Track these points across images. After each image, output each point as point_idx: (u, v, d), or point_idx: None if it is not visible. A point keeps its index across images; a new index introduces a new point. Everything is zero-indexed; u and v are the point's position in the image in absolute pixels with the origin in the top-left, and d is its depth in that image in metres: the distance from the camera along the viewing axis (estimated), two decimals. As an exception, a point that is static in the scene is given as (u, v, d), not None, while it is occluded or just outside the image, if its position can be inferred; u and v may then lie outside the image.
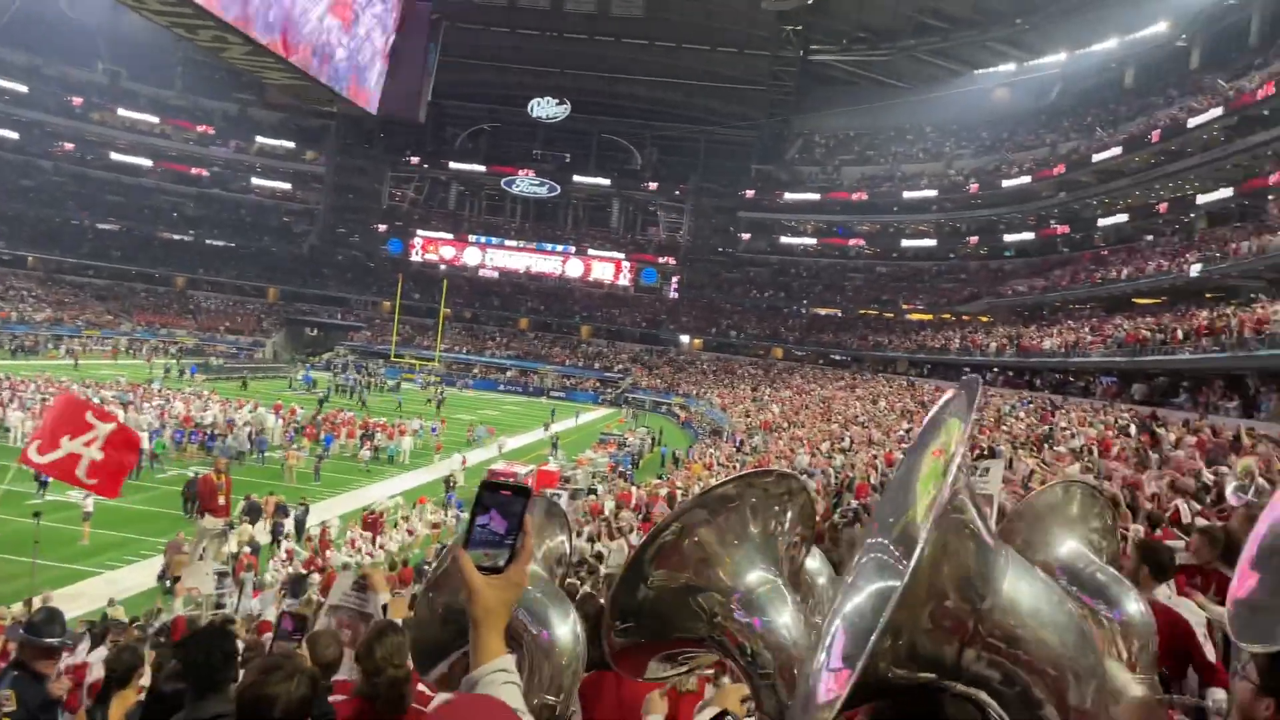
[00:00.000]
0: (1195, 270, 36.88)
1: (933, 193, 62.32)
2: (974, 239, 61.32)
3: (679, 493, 21.77)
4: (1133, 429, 20.36)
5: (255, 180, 76.11)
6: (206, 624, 7.71)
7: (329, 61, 29.04)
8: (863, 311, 64.83)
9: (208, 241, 73.60)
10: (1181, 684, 4.83)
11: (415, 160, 79.75)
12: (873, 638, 0.99)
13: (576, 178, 77.93)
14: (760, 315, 70.90)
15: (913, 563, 0.99)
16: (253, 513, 20.81)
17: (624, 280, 76.29)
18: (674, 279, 75.51)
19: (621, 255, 76.84)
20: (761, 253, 73.24)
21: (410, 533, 23.06)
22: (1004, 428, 25.43)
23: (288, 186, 76.98)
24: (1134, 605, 2.44)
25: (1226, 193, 40.63)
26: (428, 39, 32.15)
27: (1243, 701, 1.89)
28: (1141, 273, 41.07)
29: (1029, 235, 57.38)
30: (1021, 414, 30.57)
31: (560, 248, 77.40)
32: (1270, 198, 39.10)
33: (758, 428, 39.41)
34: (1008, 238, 59.27)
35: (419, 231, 77.96)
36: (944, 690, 1.09)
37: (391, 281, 70.21)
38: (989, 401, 37.00)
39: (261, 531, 20.39)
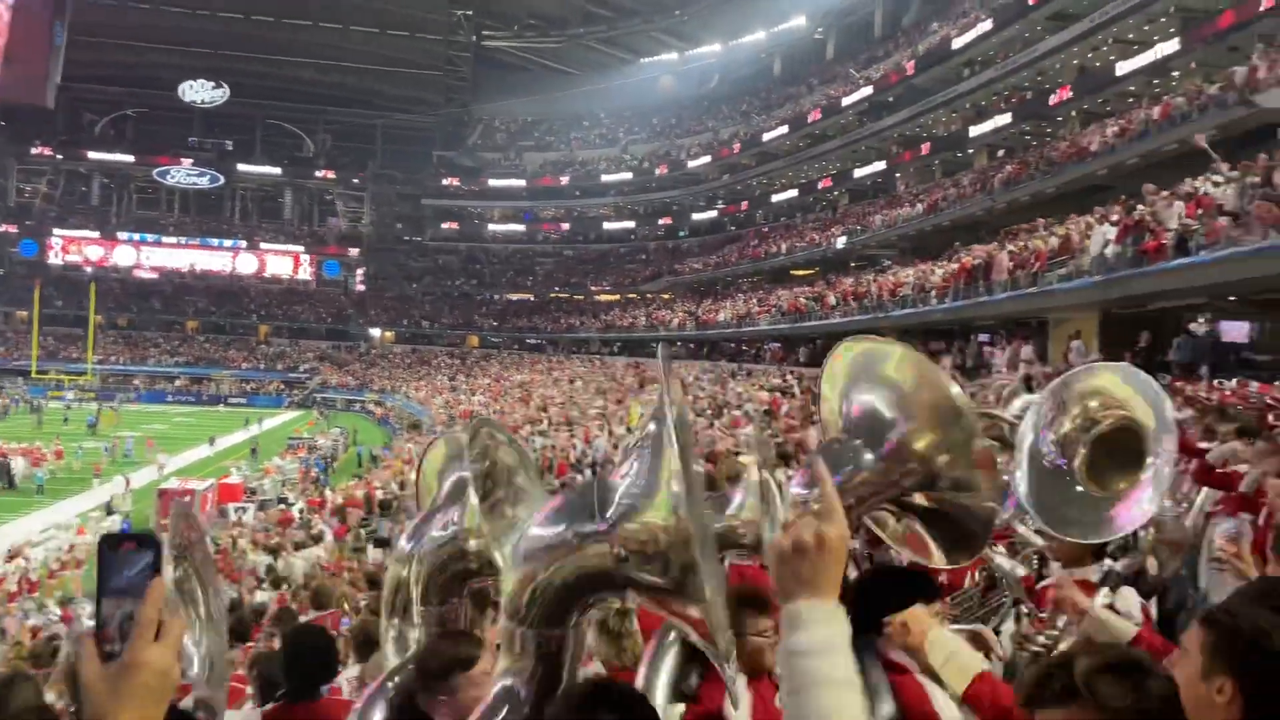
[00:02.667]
0: (841, 243, 41.18)
1: (612, 177, 64.58)
2: (653, 220, 64.40)
3: (378, 492, 21.07)
4: (796, 390, 22.28)
5: None
6: None
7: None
8: (554, 295, 66.05)
9: None
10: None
11: (46, 151, 70.19)
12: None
13: (242, 166, 72.48)
14: (453, 304, 70.05)
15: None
16: None
17: (304, 274, 72.20)
18: (359, 271, 72.62)
19: (300, 248, 72.62)
20: (450, 240, 72.30)
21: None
22: (689, 397, 26.97)
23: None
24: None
25: (871, 169, 45.40)
26: (52, 16, 28.43)
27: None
28: (797, 247, 45.19)
29: (701, 216, 61.18)
30: (705, 383, 32.62)
31: (229, 242, 71.62)
32: (898, 175, 44.45)
33: (458, 418, 39.02)
34: (683, 219, 62.80)
35: (56, 231, 68.81)
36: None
37: (27, 289, 61.39)
38: (676, 372, 39.10)
39: None
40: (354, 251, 73.06)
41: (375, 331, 69.47)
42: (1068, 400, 2.87)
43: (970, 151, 39.28)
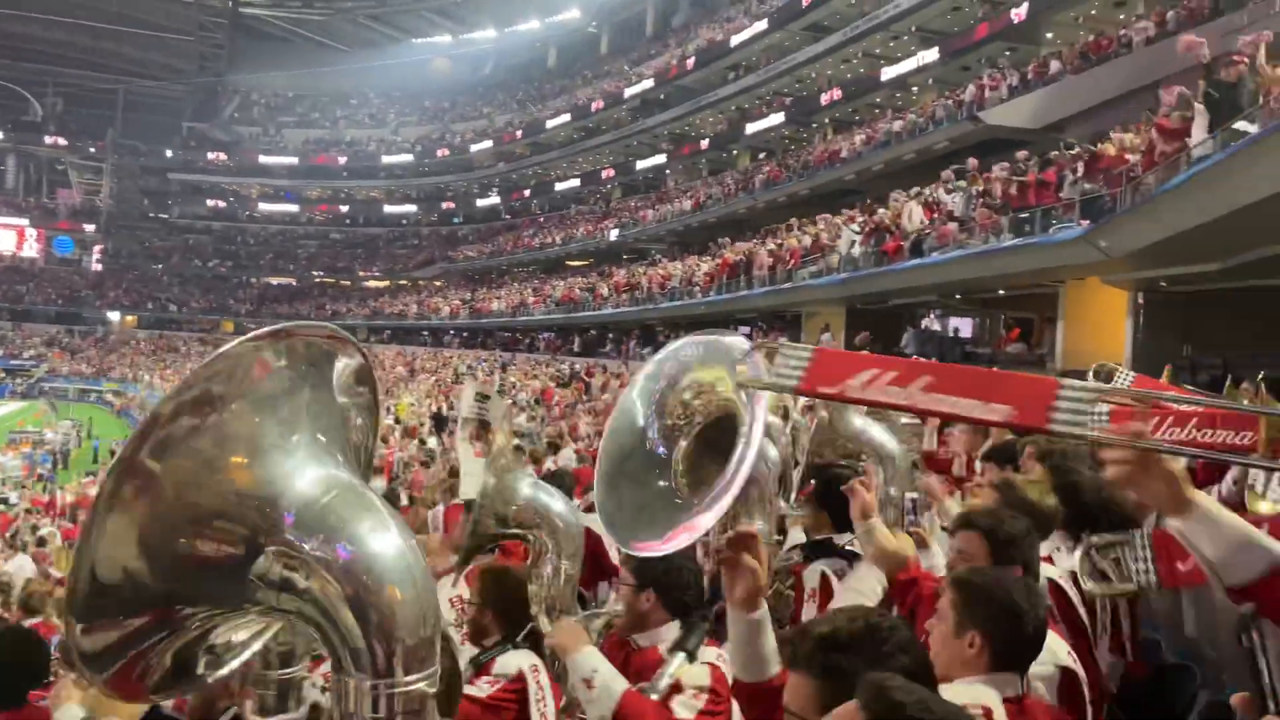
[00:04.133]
0: (614, 235, 41.95)
1: (385, 160, 62.34)
2: (427, 206, 62.81)
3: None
4: (567, 379, 22.54)
5: None
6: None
7: None
8: (319, 280, 63.08)
9: None
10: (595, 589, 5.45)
11: None
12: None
13: (-46, 129, 64.26)
14: (205, 286, 65.23)
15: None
16: None
17: (30, 251, 64.92)
18: (96, 249, 66.16)
19: (25, 221, 65.21)
20: (202, 219, 67.24)
21: None
22: (461, 386, 26.60)
23: None
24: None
25: (647, 163, 46.24)
26: None
27: (624, 597, 2.18)
28: (572, 238, 45.59)
29: (477, 203, 60.33)
30: (479, 372, 32.29)
31: (-64, 213, 63.32)
32: (668, 172, 45.80)
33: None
34: (458, 205, 61.67)
35: None
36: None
37: None
38: (449, 362, 38.52)
39: None
40: (90, 227, 66.48)
41: (114, 315, 63.43)
42: (678, 375, 2.37)
43: (735, 152, 41.13)
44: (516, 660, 2.75)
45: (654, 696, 2.32)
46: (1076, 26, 24.99)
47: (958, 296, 17.98)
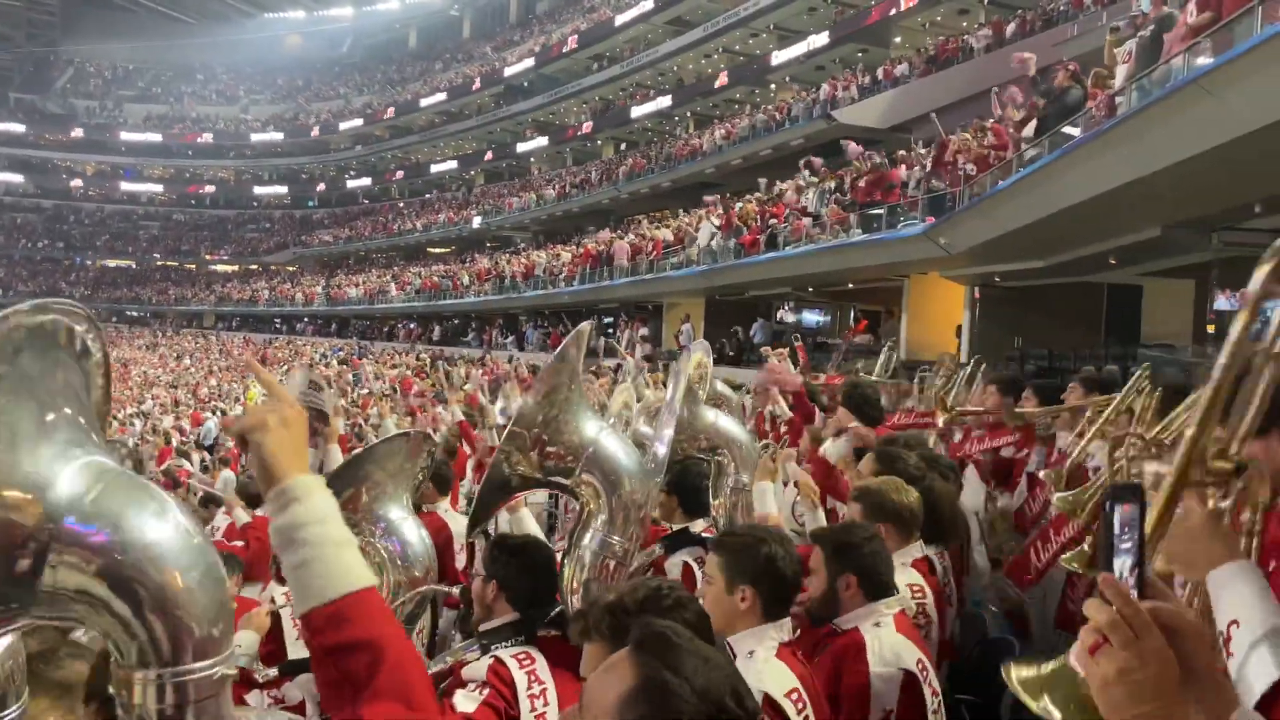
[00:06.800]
0: (477, 222, 41.40)
1: (233, 139, 59.48)
2: (280, 187, 60.32)
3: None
4: (428, 368, 22.16)
5: None
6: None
7: None
8: (161, 263, 59.69)
9: None
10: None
11: None
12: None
13: None
14: (34, 268, 60.69)
15: None
16: None
17: None
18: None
19: None
20: (30, 196, 62.51)
21: None
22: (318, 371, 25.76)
23: None
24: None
25: (521, 148, 45.60)
26: None
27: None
28: (434, 224, 44.73)
29: (332, 186, 58.37)
30: (333, 360, 31.30)
31: None
32: (532, 160, 45.48)
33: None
34: (311, 188, 59.51)
35: None
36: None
37: None
38: (301, 351, 37.17)
39: None
40: (-100, 203, 60.88)
41: (-71, 299, 58.51)
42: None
43: (600, 142, 41.22)
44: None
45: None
46: (923, 32, 26.20)
47: (810, 289, 18.60)
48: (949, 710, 2.74)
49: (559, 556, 2.56)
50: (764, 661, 2.14)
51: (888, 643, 2.48)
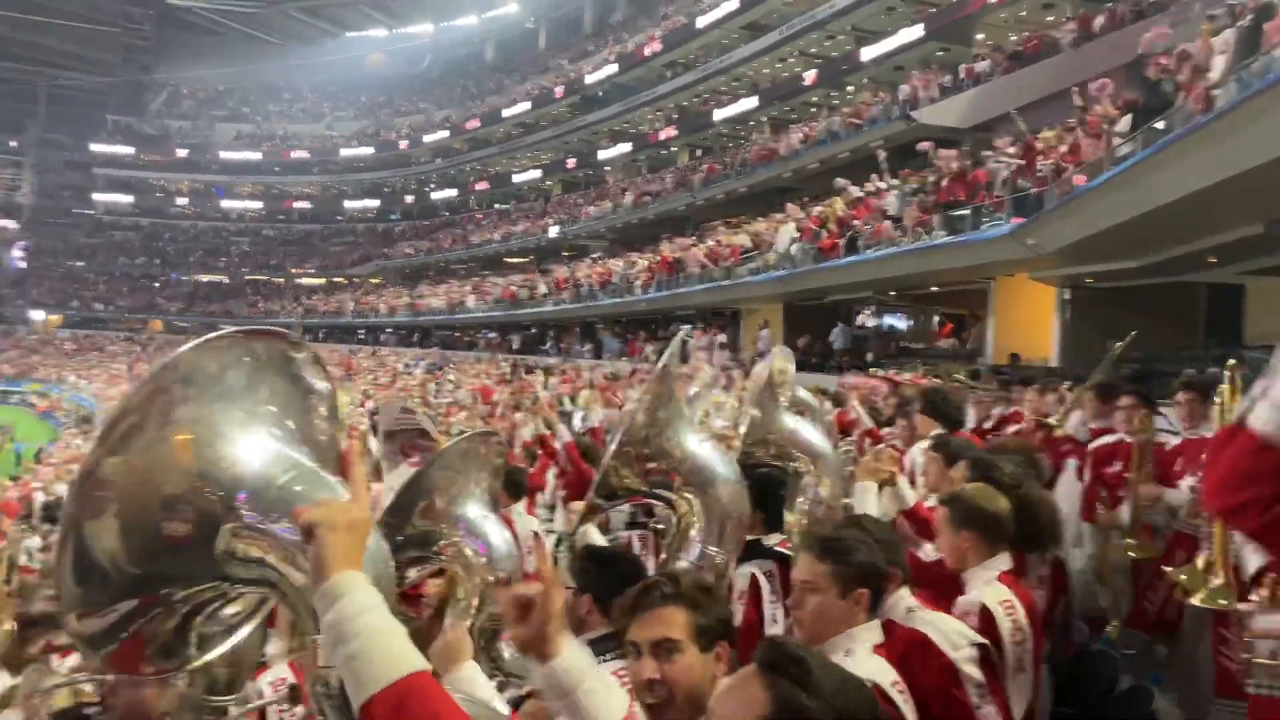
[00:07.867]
0: (554, 232, 41.80)
1: (319, 156, 61.19)
2: (363, 202, 61.85)
3: (38, 492, 18.84)
4: (509, 376, 22.42)
5: None
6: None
7: None
8: (251, 277, 61.71)
9: None
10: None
11: None
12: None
13: None
14: (132, 285, 63.40)
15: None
16: None
17: (-54, 249, 62.52)
18: (18, 246, 63.88)
19: (-61, 218, 62.78)
20: (128, 215, 65.35)
21: None
22: (398, 385, 26.32)
23: None
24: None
25: (597, 157, 45.91)
26: None
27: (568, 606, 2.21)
28: (511, 234, 45.31)
29: (413, 199, 59.55)
30: (417, 371, 31.95)
31: None
32: (607, 168, 45.73)
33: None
34: (395, 201, 60.83)
35: None
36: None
37: None
38: (385, 362, 38.02)
39: None
40: (11, 224, 64.20)
41: (38, 314, 61.34)
42: None
43: (674, 149, 41.25)
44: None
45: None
46: (1007, 27, 25.56)
47: (892, 293, 18.31)
48: None
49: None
50: (864, 659, 2.16)
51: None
